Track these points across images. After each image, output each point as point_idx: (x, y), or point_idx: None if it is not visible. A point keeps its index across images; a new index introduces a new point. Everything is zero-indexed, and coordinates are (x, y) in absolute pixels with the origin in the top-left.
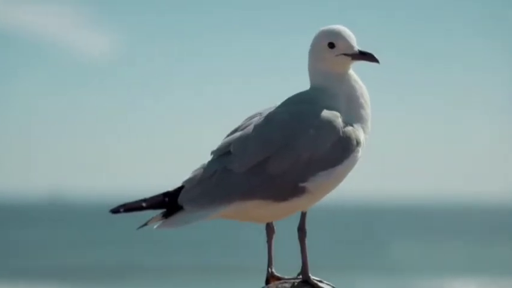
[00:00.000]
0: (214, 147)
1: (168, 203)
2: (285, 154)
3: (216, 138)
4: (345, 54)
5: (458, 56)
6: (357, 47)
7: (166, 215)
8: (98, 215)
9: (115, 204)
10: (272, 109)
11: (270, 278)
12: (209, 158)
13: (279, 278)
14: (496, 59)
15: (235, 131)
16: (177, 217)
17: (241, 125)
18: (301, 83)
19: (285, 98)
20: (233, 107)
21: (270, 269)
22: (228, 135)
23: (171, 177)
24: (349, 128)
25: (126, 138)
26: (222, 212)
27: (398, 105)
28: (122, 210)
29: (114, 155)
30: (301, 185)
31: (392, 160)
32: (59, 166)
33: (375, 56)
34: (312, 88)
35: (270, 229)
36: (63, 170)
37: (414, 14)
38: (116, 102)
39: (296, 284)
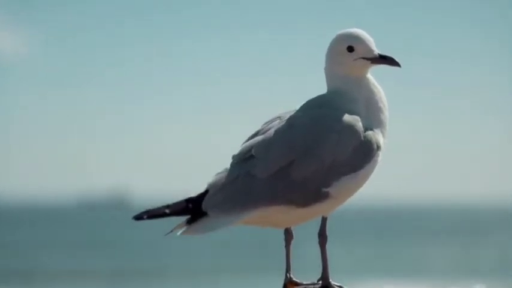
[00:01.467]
0: (235, 152)
1: (192, 209)
2: (308, 159)
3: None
4: (364, 58)
5: (463, 56)
6: (377, 50)
7: (190, 221)
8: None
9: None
10: (292, 113)
11: (288, 283)
12: (225, 162)
13: (297, 284)
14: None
15: (256, 135)
16: (202, 223)
17: (261, 129)
18: (291, 83)
19: (278, 97)
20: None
21: (288, 274)
22: (247, 140)
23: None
24: (369, 133)
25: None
26: (246, 218)
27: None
28: (145, 217)
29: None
30: (324, 190)
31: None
32: None
33: (396, 59)
34: (330, 92)
35: (288, 234)
36: None
37: (413, 13)
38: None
39: None
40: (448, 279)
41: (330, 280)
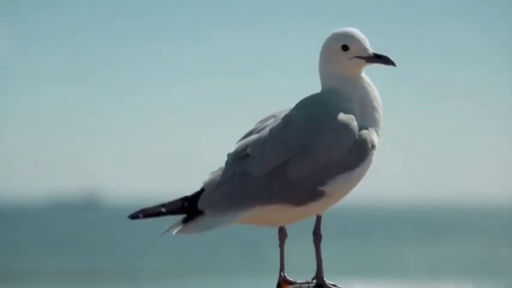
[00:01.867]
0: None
1: (188, 208)
2: (304, 158)
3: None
4: (359, 57)
5: (464, 53)
6: (371, 49)
7: (185, 221)
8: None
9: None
10: (287, 111)
11: (282, 282)
12: (222, 160)
13: (291, 283)
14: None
15: (250, 133)
16: (198, 222)
17: (256, 128)
18: (291, 83)
19: (278, 97)
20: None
21: (282, 273)
22: (242, 138)
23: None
24: (364, 131)
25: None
26: (242, 216)
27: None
28: (140, 216)
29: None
30: (320, 188)
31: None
32: None
33: (391, 58)
34: (325, 90)
35: (282, 233)
36: None
37: (413, 10)
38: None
39: None
40: (444, 279)
41: (324, 279)
